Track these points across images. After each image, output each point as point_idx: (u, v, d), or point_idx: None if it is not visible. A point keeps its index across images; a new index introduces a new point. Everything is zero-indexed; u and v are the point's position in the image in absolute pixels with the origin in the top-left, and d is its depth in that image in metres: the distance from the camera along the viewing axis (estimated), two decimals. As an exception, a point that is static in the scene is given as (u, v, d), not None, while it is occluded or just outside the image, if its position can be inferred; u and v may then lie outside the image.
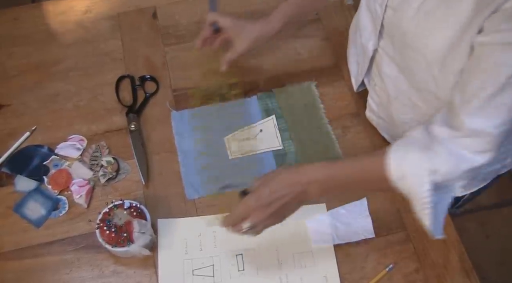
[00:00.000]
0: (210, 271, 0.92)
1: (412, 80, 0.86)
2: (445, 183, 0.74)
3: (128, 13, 1.27)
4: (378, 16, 0.86)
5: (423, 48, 0.77)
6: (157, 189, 1.01)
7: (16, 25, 1.25)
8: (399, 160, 0.75)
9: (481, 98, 0.67)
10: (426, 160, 0.72)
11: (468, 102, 0.69)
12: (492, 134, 0.69)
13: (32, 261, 0.94)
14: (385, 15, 0.85)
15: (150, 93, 1.13)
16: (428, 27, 0.75)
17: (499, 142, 0.70)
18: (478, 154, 0.71)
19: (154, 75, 1.16)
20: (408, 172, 0.74)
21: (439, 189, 0.75)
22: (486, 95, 0.66)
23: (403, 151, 0.75)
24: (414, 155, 0.74)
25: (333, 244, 0.94)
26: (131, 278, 0.92)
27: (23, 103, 1.13)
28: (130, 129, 1.07)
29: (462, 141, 0.71)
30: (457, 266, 0.93)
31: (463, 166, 0.72)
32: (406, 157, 0.74)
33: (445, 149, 0.72)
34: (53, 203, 0.99)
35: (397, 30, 0.82)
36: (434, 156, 0.72)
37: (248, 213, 0.80)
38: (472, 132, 0.70)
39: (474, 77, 0.68)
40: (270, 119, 1.09)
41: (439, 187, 0.75)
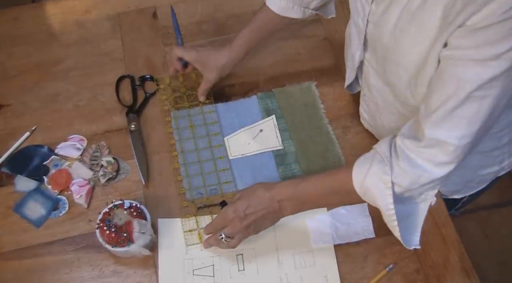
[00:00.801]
0: (211, 271, 0.92)
1: (395, 93, 0.89)
2: (407, 194, 0.77)
3: (128, 13, 1.27)
4: (361, 30, 0.88)
5: (404, 63, 0.79)
6: (157, 189, 1.01)
7: (16, 25, 1.25)
8: (362, 175, 0.78)
9: (443, 110, 0.69)
10: (388, 172, 0.75)
11: (430, 114, 0.71)
12: (453, 144, 0.70)
13: (32, 261, 0.94)
14: (367, 30, 0.87)
15: (150, 93, 1.13)
16: (404, 42, 0.77)
17: (461, 154, 0.72)
18: (438, 166, 0.73)
19: (154, 75, 1.16)
20: (370, 186, 0.77)
21: (404, 201, 0.78)
22: (447, 108, 0.69)
23: (367, 164, 0.78)
24: (375, 168, 0.76)
25: (333, 244, 0.94)
26: (131, 278, 0.92)
27: (23, 103, 1.13)
28: (130, 129, 1.07)
29: (423, 152, 0.73)
30: (457, 266, 0.93)
31: (422, 178, 0.74)
32: (368, 170, 0.77)
33: (406, 162, 0.74)
34: (53, 203, 0.99)
35: (379, 44, 0.84)
36: (395, 169, 0.75)
37: (226, 223, 0.88)
38: (433, 142, 0.72)
39: (437, 90, 0.71)
40: (270, 119, 1.09)
41: (404, 198, 0.78)
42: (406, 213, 0.80)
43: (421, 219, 0.81)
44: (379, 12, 0.80)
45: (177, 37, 1.12)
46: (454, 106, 0.68)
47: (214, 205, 0.99)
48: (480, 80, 0.65)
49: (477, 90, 0.66)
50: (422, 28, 0.72)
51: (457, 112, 0.68)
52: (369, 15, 0.83)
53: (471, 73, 0.65)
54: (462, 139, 0.70)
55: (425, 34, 0.71)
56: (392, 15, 0.76)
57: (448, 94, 0.68)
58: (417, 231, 0.81)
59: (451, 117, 0.69)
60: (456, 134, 0.70)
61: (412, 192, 0.77)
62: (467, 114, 0.68)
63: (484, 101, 0.67)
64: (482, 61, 0.64)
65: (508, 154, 0.95)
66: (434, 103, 0.71)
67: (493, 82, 0.65)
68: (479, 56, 0.64)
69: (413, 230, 0.81)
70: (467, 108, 0.68)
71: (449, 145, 0.70)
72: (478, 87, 0.65)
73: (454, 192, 1.03)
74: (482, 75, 0.64)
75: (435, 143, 0.71)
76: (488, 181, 1.01)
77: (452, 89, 0.68)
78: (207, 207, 0.99)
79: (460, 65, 0.66)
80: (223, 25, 1.24)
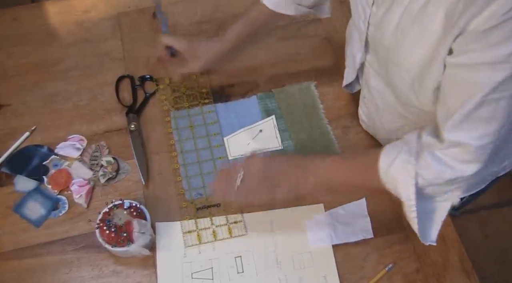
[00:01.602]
0: (209, 274, 0.92)
1: (397, 94, 0.89)
2: (431, 190, 0.77)
3: (128, 13, 1.27)
4: (362, 32, 0.88)
5: (406, 64, 0.80)
6: (157, 189, 1.01)
7: (16, 25, 1.25)
8: (389, 161, 0.77)
9: (459, 114, 0.70)
10: (413, 163, 0.75)
11: (447, 119, 0.72)
12: (473, 145, 0.71)
13: (32, 261, 0.94)
14: (369, 32, 0.87)
15: (150, 93, 1.13)
16: (406, 44, 0.77)
17: (483, 154, 0.72)
18: (462, 163, 0.73)
19: (154, 75, 1.16)
20: (395, 173, 0.77)
21: (427, 198, 0.78)
22: (464, 112, 0.69)
23: (394, 152, 0.78)
24: (402, 157, 0.76)
25: (332, 244, 0.94)
26: (131, 278, 0.92)
27: (22, 103, 1.13)
28: (130, 129, 1.07)
29: (447, 151, 0.74)
30: (457, 266, 0.93)
31: (446, 173, 0.74)
32: (395, 158, 0.77)
33: (431, 156, 0.74)
34: (52, 203, 0.99)
35: (380, 46, 0.85)
36: (420, 161, 0.75)
37: (250, 163, 0.86)
38: (454, 144, 0.72)
39: (451, 95, 0.72)
40: (270, 120, 1.09)
41: (427, 195, 0.78)
42: (428, 209, 0.80)
43: (442, 217, 0.81)
44: (380, 14, 0.80)
45: (163, 25, 1.10)
46: (470, 109, 0.69)
47: (213, 205, 0.99)
48: (493, 83, 0.65)
49: (491, 93, 0.66)
50: (424, 30, 0.72)
51: (474, 115, 0.69)
52: (370, 18, 0.84)
53: (483, 76, 0.66)
54: (481, 139, 0.70)
55: (427, 36, 0.72)
56: (394, 17, 0.76)
57: (462, 99, 0.69)
58: (436, 228, 0.81)
59: (468, 120, 0.70)
60: (475, 135, 0.70)
61: (435, 189, 0.77)
62: (483, 116, 0.69)
63: (499, 102, 0.67)
64: (492, 64, 0.64)
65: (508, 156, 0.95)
66: (450, 108, 0.72)
67: (506, 83, 0.65)
68: (488, 59, 0.64)
69: (431, 226, 0.81)
70: (484, 111, 0.68)
71: (468, 145, 0.71)
72: (492, 90, 0.66)
73: None
74: (494, 78, 0.65)
75: (456, 145, 0.72)
76: (487, 181, 1.01)
77: (467, 94, 0.68)
78: (207, 207, 0.99)
79: (471, 70, 0.67)
80: (223, 25, 1.24)
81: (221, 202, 0.97)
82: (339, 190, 0.95)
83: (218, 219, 0.97)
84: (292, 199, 0.86)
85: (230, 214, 0.98)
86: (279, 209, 0.98)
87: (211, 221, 0.97)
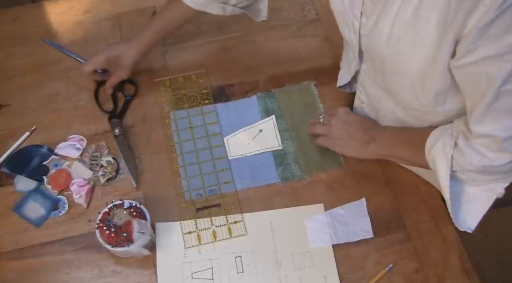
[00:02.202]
0: (209, 274, 0.92)
1: (396, 99, 0.90)
2: (467, 176, 0.81)
3: (128, 13, 1.27)
4: (354, 44, 0.89)
5: (404, 71, 0.80)
6: (157, 190, 1.01)
7: (16, 25, 1.25)
8: (433, 141, 0.82)
9: (480, 108, 0.72)
10: (451, 145, 0.79)
11: (472, 112, 0.74)
12: (500, 136, 0.72)
13: (32, 261, 0.94)
14: (362, 43, 0.87)
15: (130, 95, 1.12)
16: (403, 51, 0.78)
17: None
18: (493, 152, 0.75)
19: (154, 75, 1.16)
20: (435, 154, 0.81)
21: (465, 182, 0.83)
22: (483, 105, 0.71)
23: (440, 133, 0.82)
24: (444, 139, 0.80)
25: (332, 244, 0.94)
26: (131, 278, 0.92)
27: (23, 103, 1.13)
28: (114, 134, 1.06)
29: (478, 140, 0.76)
30: (457, 266, 0.93)
31: (477, 160, 0.77)
32: (439, 139, 0.81)
33: (466, 142, 0.77)
34: (52, 203, 0.99)
35: (376, 55, 0.85)
36: (457, 145, 0.78)
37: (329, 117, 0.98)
38: (482, 136, 0.75)
39: (469, 92, 0.74)
40: (270, 119, 1.09)
41: (463, 179, 0.82)
42: (468, 196, 0.84)
43: (483, 207, 0.84)
44: (370, 25, 0.80)
45: (75, 58, 1.13)
46: (488, 103, 0.70)
47: (213, 206, 0.99)
48: (504, 74, 0.66)
49: (504, 84, 0.67)
50: (419, 35, 0.72)
51: (494, 107, 0.70)
52: (360, 29, 0.84)
53: (493, 70, 0.67)
54: (507, 131, 0.72)
55: (423, 41, 0.72)
56: (385, 26, 0.77)
57: (480, 93, 0.70)
58: (475, 217, 0.84)
59: (489, 113, 0.72)
60: (500, 127, 0.72)
61: (470, 176, 0.80)
62: (503, 107, 0.70)
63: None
64: (498, 56, 0.65)
65: None
66: (471, 104, 0.74)
67: None
68: (493, 52, 0.65)
69: (469, 213, 0.84)
70: (502, 103, 0.70)
71: (496, 137, 0.73)
72: (505, 81, 0.67)
73: None
74: (504, 69, 0.66)
75: (484, 137, 0.74)
76: None
77: (482, 89, 0.70)
78: (206, 208, 0.99)
79: (480, 66, 0.68)
80: (222, 25, 1.24)
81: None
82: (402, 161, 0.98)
83: (218, 219, 0.97)
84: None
85: (230, 214, 0.98)
86: (279, 209, 0.98)
87: (211, 221, 0.97)
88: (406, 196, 0.99)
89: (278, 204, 0.99)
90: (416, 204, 0.99)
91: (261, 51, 1.19)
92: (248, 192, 1.00)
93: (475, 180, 0.82)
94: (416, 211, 0.98)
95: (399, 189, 1.00)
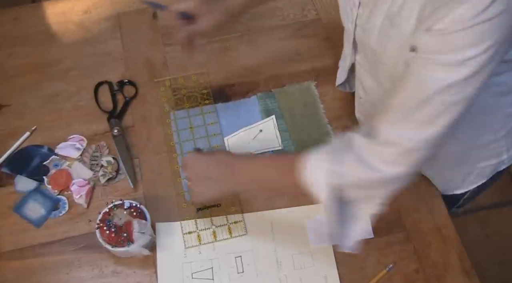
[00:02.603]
0: (210, 274, 0.92)
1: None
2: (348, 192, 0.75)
3: (128, 13, 1.27)
4: (350, 33, 0.88)
5: (390, 66, 0.79)
6: (157, 190, 1.01)
7: (16, 25, 1.25)
8: (308, 159, 0.76)
9: (401, 111, 0.69)
10: (330, 161, 0.74)
11: (388, 113, 0.71)
12: (406, 146, 0.69)
13: (32, 261, 0.94)
14: (356, 33, 0.87)
15: (130, 97, 1.12)
16: (389, 47, 0.77)
17: (410, 159, 0.70)
18: (386, 165, 0.71)
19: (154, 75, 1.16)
20: (310, 173, 0.75)
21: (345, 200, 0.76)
22: (406, 108, 0.68)
23: (315, 151, 0.77)
24: (322, 156, 0.76)
25: (332, 244, 0.94)
26: (131, 278, 0.92)
27: (23, 103, 1.13)
28: (113, 134, 1.06)
29: (374, 149, 0.72)
30: (457, 266, 0.93)
31: (366, 174, 0.72)
32: (315, 156, 0.76)
33: (354, 155, 0.73)
34: (53, 203, 0.99)
35: (368, 47, 0.84)
36: (339, 159, 0.74)
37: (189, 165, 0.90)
38: (386, 141, 0.71)
39: (398, 90, 0.70)
40: (270, 119, 1.09)
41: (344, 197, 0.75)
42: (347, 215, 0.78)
43: (361, 226, 0.79)
44: (365, 15, 0.80)
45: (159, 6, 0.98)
46: (412, 107, 0.67)
47: (214, 206, 0.99)
48: (442, 84, 0.64)
49: (437, 93, 0.65)
50: (401, 33, 0.72)
51: (415, 114, 0.67)
52: (356, 19, 0.84)
53: (434, 76, 0.64)
54: (415, 142, 0.69)
55: (404, 39, 0.71)
56: (376, 20, 0.77)
57: (408, 95, 0.68)
58: (352, 236, 0.79)
59: (407, 119, 0.68)
60: (410, 137, 0.69)
61: (352, 191, 0.75)
62: (424, 117, 0.67)
63: (443, 105, 0.66)
64: (448, 66, 0.63)
65: (506, 147, 0.95)
66: (393, 102, 0.70)
67: (455, 87, 0.64)
68: (446, 61, 0.63)
69: (348, 233, 0.79)
70: (425, 111, 0.67)
71: (400, 146, 0.69)
72: (439, 91, 0.65)
73: (454, 188, 1.02)
74: (445, 80, 0.64)
75: (388, 142, 0.70)
76: (487, 175, 1.00)
77: (413, 91, 0.67)
78: (207, 208, 0.99)
79: (425, 68, 0.66)
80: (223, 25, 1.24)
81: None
82: (269, 189, 0.93)
83: (218, 219, 0.97)
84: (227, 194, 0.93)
85: (230, 214, 0.98)
86: (279, 209, 0.98)
87: (211, 221, 0.97)
88: (406, 196, 0.99)
89: (278, 204, 0.99)
90: (416, 204, 0.99)
91: (261, 51, 1.19)
92: (248, 192, 1.00)
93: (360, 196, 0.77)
94: (416, 211, 0.98)
95: (399, 189, 1.00)
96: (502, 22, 0.60)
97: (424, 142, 0.69)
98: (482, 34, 0.60)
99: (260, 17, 1.04)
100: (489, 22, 0.59)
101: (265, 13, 1.06)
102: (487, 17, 0.59)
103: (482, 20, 0.59)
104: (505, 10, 0.59)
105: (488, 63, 0.62)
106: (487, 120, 0.88)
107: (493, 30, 0.60)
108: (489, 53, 0.61)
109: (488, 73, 0.64)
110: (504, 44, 0.62)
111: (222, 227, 0.97)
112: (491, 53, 0.62)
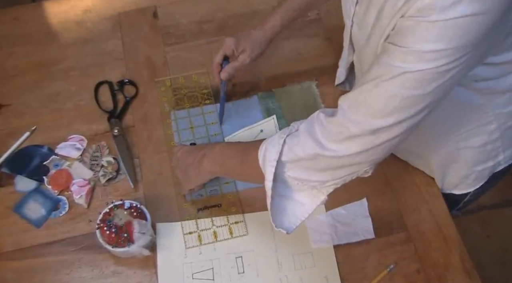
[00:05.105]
0: (210, 274, 0.92)
1: None
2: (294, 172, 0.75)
3: (129, 13, 1.26)
4: (347, 30, 0.88)
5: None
6: (157, 190, 1.01)
7: (17, 25, 1.25)
8: (264, 144, 0.78)
9: (359, 91, 0.68)
10: (285, 133, 0.76)
11: (349, 92, 0.71)
12: (351, 131, 0.69)
13: (32, 261, 0.94)
14: (352, 30, 0.86)
15: (130, 96, 1.12)
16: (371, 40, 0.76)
17: (358, 143, 0.70)
18: (331, 142, 0.71)
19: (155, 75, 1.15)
20: (264, 150, 0.77)
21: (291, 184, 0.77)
22: (364, 89, 0.67)
23: (274, 136, 0.78)
24: (274, 137, 0.77)
25: (333, 244, 0.94)
26: (131, 278, 0.92)
27: (23, 103, 1.13)
28: (113, 134, 1.06)
29: (326, 126, 0.72)
30: (458, 266, 0.93)
31: (311, 148, 0.72)
32: (268, 140, 0.78)
33: (308, 128, 0.74)
34: (53, 203, 0.99)
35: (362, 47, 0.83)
36: (295, 134, 0.75)
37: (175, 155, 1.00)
38: (337, 121, 0.70)
39: (366, 73, 0.69)
40: (271, 119, 1.09)
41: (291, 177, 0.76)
42: (294, 201, 0.79)
43: (304, 214, 0.79)
44: (361, 13, 0.80)
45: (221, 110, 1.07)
46: (369, 89, 0.67)
47: (214, 206, 0.99)
48: (397, 72, 0.63)
49: (393, 84, 0.64)
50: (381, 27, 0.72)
51: (370, 95, 0.67)
52: (353, 16, 0.84)
53: (399, 61, 0.63)
54: (361, 130, 0.68)
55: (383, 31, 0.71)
56: (370, 17, 0.76)
57: (370, 76, 0.67)
58: (295, 222, 0.79)
59: (363, 100, 0.68)
60: (358, 122, 0.68)
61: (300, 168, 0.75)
62: (376, 107, 0.66)
63: (395, 97, 0.65)
64: (407, 54, 0.62)
65: (502, 148, 0.95)
66: (357, 83, 0.70)
67: (413, 81, 0.63)
68: (405, 49, 0.62)
69: (291, 217, 0.79)
70: (382, 94, 0.66)
71: (346, 129, 0.69)
72: (395, 81, 0.64)
73: (453, 187, 1.02)
74: (402, 69, 0.63)
75: (337, 122, 0.70)
76: (485, 177, 1.00)
77: (376, 73, 0.66)
78: (207, 208, 0.98)
79: (387, 52, 0.65)
80: (223, 25, 1.24)
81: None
82: (233, 175, 0.95)
83: (219, 220, 0.97)
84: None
85: (231, 214, 0.98)
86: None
87: (211, 221, 0.97)
88: (407, 197, 0.99)
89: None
90: (417, 205, 0.99)
91: (261, 51, 1.18)
92: (249, 192, 1.00)
93: (301, 179, 0.76)
94: (417, 212, 0.98)
95: (400, 189, 1.00)
96: (468, 26, 0.59)
97: (369, 132, 0.68)
98: (445, 31, 0.59)
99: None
100: (453, 21, 0.58)
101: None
102: (453, 15, 0.58)
103: (448, 17, 0.58)
104: (473, 15, 0.58)
105: (450, 64, 0.61)
106: (479, 120, 0.87)
107: (458, 31, 0.59)
108: (453, 54, 0.60)
109: (450, 77, 0.62)
110: (474, 50, 0.61)
111: (223, 227, 0.96)
112: (455, 55, 0.61)
